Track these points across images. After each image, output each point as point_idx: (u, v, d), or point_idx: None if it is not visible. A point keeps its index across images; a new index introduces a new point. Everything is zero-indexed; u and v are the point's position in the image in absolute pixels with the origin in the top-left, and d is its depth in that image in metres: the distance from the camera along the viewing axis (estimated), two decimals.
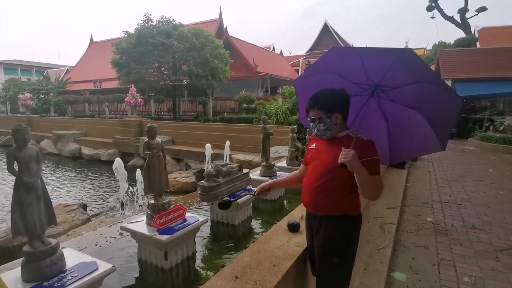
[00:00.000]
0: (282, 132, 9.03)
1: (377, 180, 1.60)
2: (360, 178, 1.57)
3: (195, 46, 16.26)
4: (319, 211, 1.76)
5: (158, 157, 2.61)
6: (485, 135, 11.05)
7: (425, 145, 1.88)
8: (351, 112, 1.80)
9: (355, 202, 1.75)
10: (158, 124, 14.82)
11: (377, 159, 1.63)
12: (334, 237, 1.72)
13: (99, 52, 30.24)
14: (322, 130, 1.72)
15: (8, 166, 1.64)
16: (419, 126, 1.77)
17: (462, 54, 14.83)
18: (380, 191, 1.63)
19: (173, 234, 2.37)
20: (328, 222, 1.74)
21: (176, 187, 8.17)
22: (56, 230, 4.41)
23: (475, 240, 3.79)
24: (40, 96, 27.21)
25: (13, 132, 1.66)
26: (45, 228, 1.74)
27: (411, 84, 1.66)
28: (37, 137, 18.61)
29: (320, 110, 1.71)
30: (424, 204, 5.09)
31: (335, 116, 1.70)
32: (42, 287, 1.58)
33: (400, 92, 1.75)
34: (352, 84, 1.86)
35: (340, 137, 1.74)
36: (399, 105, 1.79)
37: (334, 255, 1.72)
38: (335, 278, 1.76)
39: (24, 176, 1.64)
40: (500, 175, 7.05)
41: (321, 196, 1.72)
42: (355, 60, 1.74)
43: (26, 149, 1.69)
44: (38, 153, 1.75)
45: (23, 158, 1.65)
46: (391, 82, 1.73)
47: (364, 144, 1.63)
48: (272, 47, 36.16)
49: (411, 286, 2.79)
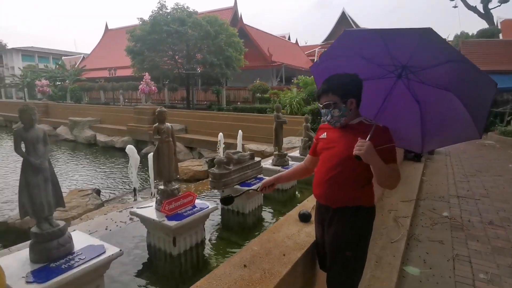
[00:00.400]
0: (296, 123, 8.89)
1: (394, 168, 1.53)
2: (377, 169, 1.50)
3: (210, 34, 16.11)
4: (332, 203, 1.69)
5: (167, 142, 2.57)
6: (506, 130, 10.74)
7: (461, 131, 1.70)
8: (377, 97, 1.68)
9: (370, 193, 1.68)
10: (171, 113, 14.99)
11: (393, 146, 1.56)
12: (348, 229, 1.65)
13: (114, 39, 30.50)
14: (337, 116, 1.63)
15: (15, 147, 1.62)
16: (454, 110, 1.60)
17: (485, 45, 14.35)
18: (397, 180, 1.55)
19: (182, 221, 2.34)
20: (341, 214, 1.67)
21: (188, 175, 8.23)
22: (70, 214, 4.50)
23: (493, 236, 3.67)
24: (56, 83, 27.76)
25: (19, 112, 1.63)
26: (53, 210, 1.72)
27: (444, 63, 1.50)
28: (54, 123, 19.11)
29: (335, 94, 1.63)
30: (440, 198, 4.96)
31: (350, 101, 1.62)
32: (49, 268, 1.58)
33: (432, 73, 1.58)
34: (376, 66, 1.71)
35: (353, 124, 1.66)
36: (431, 87, 1.62)
37: (348, 248, 1.66)
38: (348, 272, 1.69)
39: (31, 157, 1.61)
40: None
41: (334, 188, 1.65)
42: (375, 41, 1.58)
43: (33, 130, 1.66)
44: (46, 135, 1.73)
45: (30, 139, 1.63)
46: (420, 62, 1.57)
47: (381, 131, 1.55)
48: (287, 36, 35.54)
49: (424, 280, 2.73)
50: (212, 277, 1.58)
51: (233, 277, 1.57)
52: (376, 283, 2.47)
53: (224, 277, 1.57)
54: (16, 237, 4.27)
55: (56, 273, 1.53)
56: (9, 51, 44.41)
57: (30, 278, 1.49)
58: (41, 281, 1.47)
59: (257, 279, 1.56)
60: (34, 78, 27.12)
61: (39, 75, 27.69)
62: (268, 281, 1.55)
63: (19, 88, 30.76)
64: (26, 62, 40.42)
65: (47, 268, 1.58)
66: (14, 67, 42.00)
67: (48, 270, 1.56)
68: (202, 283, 1.53)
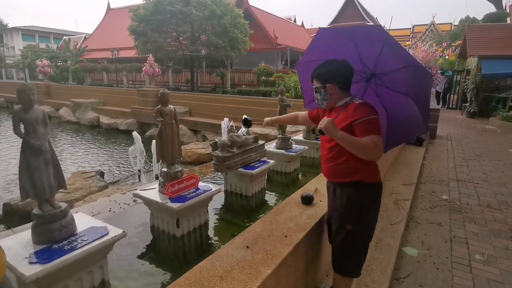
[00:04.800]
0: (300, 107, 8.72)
1: (373, 140, 1.54)
2: (340, 142, 1.61)
3: (215, 13, 15.71)
4: (331, 178, 1.85)
5: (170, 124, 2.52)
6: (507, 115, 10.61)
7: (413, 131, 1.89)
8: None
9: (367, 169, 1.73)
10: (175, 95, 14.91)
11: (372, 118, 1.60)
12: (348, 203, 1.75)
13: (116, 19, 29.96)
14: (320, 100, 1.81)
15: (14, 128, 1.58)
16: (412, 113, 1.69)
17: (491, 30, 13.85)
18: (370, 151, 1.56)
19: (185, 203, 2.34)
20: (341, 188, 1.78)
21: (192, 158, 8.24)
22: (73, 195, 4.54)
23: (490, 219, 3.74)
24: (58, 64, 27.46)
25: (18, 92, 1.59)
26: (54, 192, 1.70)
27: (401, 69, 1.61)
28: (55, 105, 19.01)
29: (317, 80, 1.78)
30: (440, 182, 5.02)
31: (329, 86, 1.74)
32: (52, 250, 1.57)
33: (393, 78, 1.69)
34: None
35: (338, 106, 1.77)
36: (394, 92, 1.72)
37: (348, 221, 1.76)
38: (349, 246, 1.80)
39: (31, 138, 1.58)
40: None
41: (331, 164, 1.80)
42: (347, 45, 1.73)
43: (32, 111, 1.62)
44: (45, 115, 1.69)
45: (29, 120, 1.59)
46: (383, 67, 1.69)
47: (356, 107, 1.64)
48: (293, 18, 34.68)
49: (422, 261, 2.79)
50: (215, 258, 1.59)
51: (235, 258, 1.58)
52: (375, 263, 2.52)
53: (226, 258, 1.59)
54: (19, 219, 4.32)
55: (59, 254, 1.53)
56: (9, 30, 43.62)
57: (33, 258, 1.49)
58: (44, 262, 1.47)
59: (259, 259, 1.57)
60: (35, 58, 26.76)
61: (40, 55, 27.28)
62: (270, 261, 1.56)
63: (19, 69, 30.42)
64: (26, 42, 39.71)
65: (50, 249, 1.57)
66: (14, 47, 41.52)
67: (51, 251, 1.56)
68: (205, 263, 1.54)
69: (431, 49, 9.36)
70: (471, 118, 12.52)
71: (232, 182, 3.43)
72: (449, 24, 37.38)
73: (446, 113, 13.31)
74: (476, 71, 13.07)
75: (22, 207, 4.47)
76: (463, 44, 14.85)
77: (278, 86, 13.38)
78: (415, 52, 9.31)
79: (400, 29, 44.75)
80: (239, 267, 1.51)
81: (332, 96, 1.75)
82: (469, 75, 14.03)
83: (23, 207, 4.46)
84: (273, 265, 1.53)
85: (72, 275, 1.63)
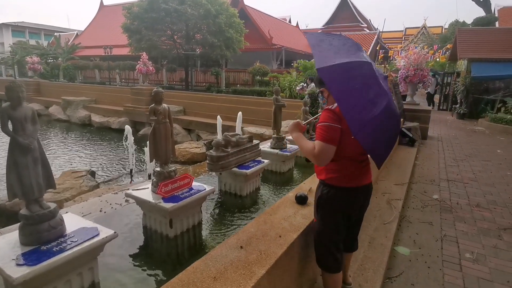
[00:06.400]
0: (295, 106, 8.79)
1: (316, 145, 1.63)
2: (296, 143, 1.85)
3: (210, 12, 15.62)
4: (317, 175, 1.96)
5: (164, 123, 2.49)
6: (496, 116, 10.85)
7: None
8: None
9: (334, 169, 1.77)
10: (169, 94, 14.78)
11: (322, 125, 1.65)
12: (315, 198, 1.90)
13: (109, 16, 29.56)
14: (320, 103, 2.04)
15: (2, 126, 1.54)
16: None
17: (480, 33, 14.19)
18: (310, 155, 1.67)
19: (179, 203, 2.31)
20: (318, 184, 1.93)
21: (186, 157, 8.18)
22: (63, 195, 4.44)
23: (479, 218, 3.81)
24: (48, 61, 26.94)
25: (6, 89, 1.54)
26: (43, 191, 1.66)
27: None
28: (46, 103, 18.68)
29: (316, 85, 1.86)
30: (431, 181, 5.08)
31: (322, 90, 1.85)
32: (40, 251, 1.53)
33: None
34: None
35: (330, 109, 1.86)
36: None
37: (315, 215, 1.90)
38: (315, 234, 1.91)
39: (19, 136, 1.54)
40: (508, 156, 6.95)
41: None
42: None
43: (21, 108, 1.57)
44: (34, 113, 1.64)
45: (18, 118, 1.55)
46: None
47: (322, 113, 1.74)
48: (288, 19, 34.73)
49: (414, 260, 2.83)
50: (208, 258, 1.58)
51: (229, 258, 1.57)
52: (368, 263, 2.53)
53: (220, 258, 1.57)
54: (7, 219, 4.19)
55: (47, 256, 1.49)
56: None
57: (21, 260, 1.45)
58: (31, 264, 1.43)
59: (253, 260, 1.57)
60: (24, 55, 26.11)
61: (30, 52, 26.63)
62: (264, 261, 1.56)
63: (8, 65, 29.71)
64: (16, 38, 38.63)
65: (38, 251, 1.53)
66: (4, 43, 40.61)
67: (39, 253, 1.52)
68: (199, 264, 1.52)
69: (423, 51, 9.45)
70: (461, 119, 12.72)
71: (226, 181, 3.40)
72: (440, 27, 37.94)
73: (437, 115, 13.47)
74: (466, 74, 13.29)
75: (10, 207, 4.36)
76: (453, 47, 15.09)
77: (273, 86, 13.41)
78: (408, 54, 9.39)
79: (393, 31, 45.25)
80: (233, 267, 1.49)
81: (329, 98, 1.81)
82: (459, 77, 14.25)
83: (10, 207, 4.35)
84: (267, 265, 1.52)
85: (61, 277, 1.59)
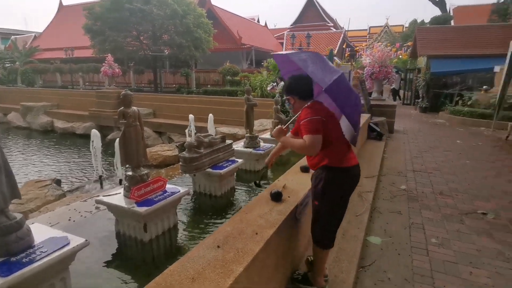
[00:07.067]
0: (266, 105, 8.87)
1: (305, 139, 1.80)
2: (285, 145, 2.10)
3: (177, 13, 15.35)
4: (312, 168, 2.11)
5: (134, 126, 2.45)
6: (454, 109, 11.54)
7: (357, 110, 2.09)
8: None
9: (330, 154, 1.94)
10: (138, 96, 14.35)
11: (308, 120, 1.82)
12: (315, 184, 2.01)
13: (70, 17, 28.07)
14: (288, 108, 2.20)
15: None
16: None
17: (438, 31, 15.11)
18: (302, 149, 1.85)
19: (153, 206, 2.28)
20: (314, 174, 2.07)
21: (158, 160, 7.98)
22: (27, 206, 4.18)
23: (443, 205, 4.06)
24: (5, 65, 25.20)
25: None
26: (8, 202, 1.58)
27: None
28: (3, 109, 17.59)
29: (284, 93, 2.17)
30: (398, 173, 5.33)
31: (290, 98, 2.06)
32: (10, 263, 1.47)
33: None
34: None
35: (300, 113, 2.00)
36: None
37: (315, 198, 2.03)
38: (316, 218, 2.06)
39: None
40: (467, 146, 7.46)
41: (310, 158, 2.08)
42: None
43: None
44: None
45: None
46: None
47: (303, 110, 1.92)
48: (256, 18, 34.89)
49: (385, 248, 2.97)
50: (185, 260, 1.56)
51: (207, 258, 1.56)
52: (343, 254, 2.63)
53: (198, 259, 1.56)
54: None
55: (17, 267, 1.43)
56: None
57: None
58: (4, 275, 1.38)
59: (230, 258, 1.57)
60: None
61: None
62: (242, 259, 1.56)
63: None
64: None
65: (8, 262, 1.47)
66: None
67: (10, 264, 1.46)
68: (176, 266, 1.50)
69: (386, 49, 9.92)
70: (423, 113, 13.48)
71: (200, 183, 3.39)
72: (401, 26, 39.89)
73: (401, 109, 14.17)
74: (426, 70, 14.11)
75: None
76: (413, 44, 15.98)
77: (244, 86, 13.44)
78: (372, 51, 9.81)
79: (358, 30, 46.96)
80: (211, 267, 1.49)
81: (295, 105, 2.05)
82: (420, 73, 15.10)
83: None
84: (245, 263, 1.53)
85: None
